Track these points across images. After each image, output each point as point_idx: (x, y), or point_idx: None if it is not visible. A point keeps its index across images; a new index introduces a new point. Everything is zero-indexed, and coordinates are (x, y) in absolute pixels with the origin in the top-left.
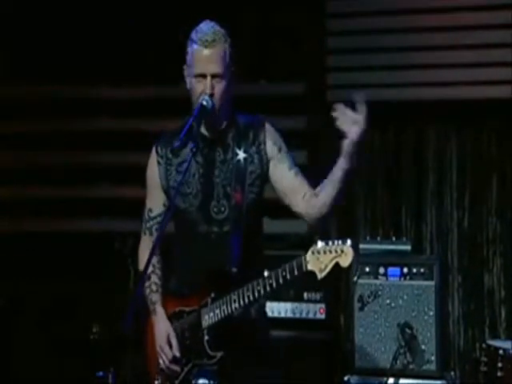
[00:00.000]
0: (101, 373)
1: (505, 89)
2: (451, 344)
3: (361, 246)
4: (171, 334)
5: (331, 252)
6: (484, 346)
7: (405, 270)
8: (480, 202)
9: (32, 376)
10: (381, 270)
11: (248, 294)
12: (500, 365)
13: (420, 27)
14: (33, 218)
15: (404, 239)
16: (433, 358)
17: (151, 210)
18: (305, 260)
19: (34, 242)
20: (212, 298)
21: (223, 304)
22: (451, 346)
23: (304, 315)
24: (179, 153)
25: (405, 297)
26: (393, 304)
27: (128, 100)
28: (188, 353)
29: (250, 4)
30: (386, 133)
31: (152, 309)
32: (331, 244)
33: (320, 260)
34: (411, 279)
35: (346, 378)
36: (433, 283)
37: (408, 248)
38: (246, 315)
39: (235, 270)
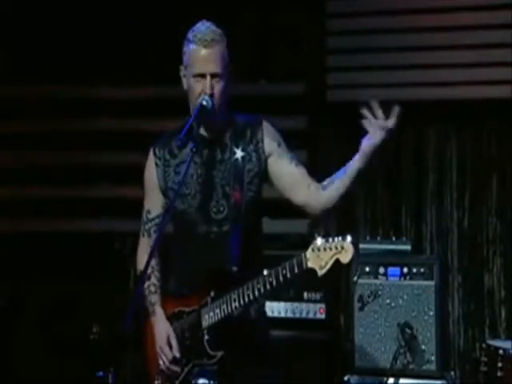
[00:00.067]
0: (101, 373)
1: (505, 89)
2: (451, 344)
3: (361, 246)
4: (171, 335)
5: (331, 249)
6: (484, 346)
7: (405, 270)
8: (480, 202)
9: (32, 376)
10: (381, 270)
11: (248, 293)
12: (500, 365)
13: (420, 27)
14: (33, 218)
15: (404, 239)
16: (433, 358)
17: (149, 212)
18: (305, 257)
19: (34, 242)
20: (212, 298)
21: (223, 303)
22: (451, 346)
23: (304, 315)
24: (177, 154)
25: (405, 297)
26: (393, 304)
27: (128, 100)
28: (188, 353)
29: (250, 4)
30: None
31: (151, 310)
32: (331, 241)
33: (320, 257)
34: (411, 279)
35: (346, 378)
36: (433, 283)
37: (408, 248)
38: (246, 315)
39: (235, 269)
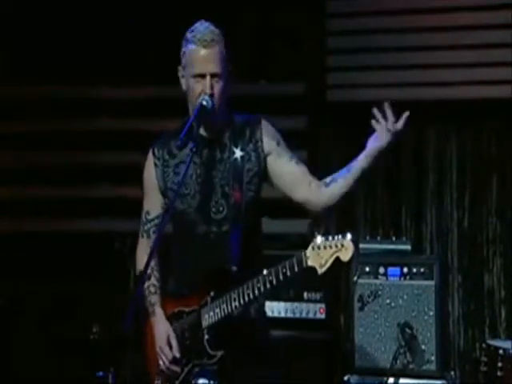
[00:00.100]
0: (101, 373)
1: (505, 89)
2: (451, 344)
3: (361, 246)
4: (171, 335)
5: (331, 247)
6: (484, 346)
7: (405, 270)
8: (480, 202)
9: (32, 376)
10: (381, 270)
11: (248, 292)
12: (500, 365)
13: (420, 27)
14: (33, 218)
15: (404, 239)
16: (433, 358)
17: (148, 213)
18: (305, 256)
19: (34, 242)
20: (212, 297)
21: (223, 303)
22: (451, 346)
23: (304, 315)
24: (176, 154)
25: (405, 297)
26: (393, 304)
27: (128, 100)
28: (188, 353)
29: (250, 4)
30: None
31: (151, 310)
32: (331, 239)
33: (320, 255)
34: (411, 279)
35: (346, 378)
36: (433, 283)
37: (408, 248)
38: (246, 315)
39: (235, 269)
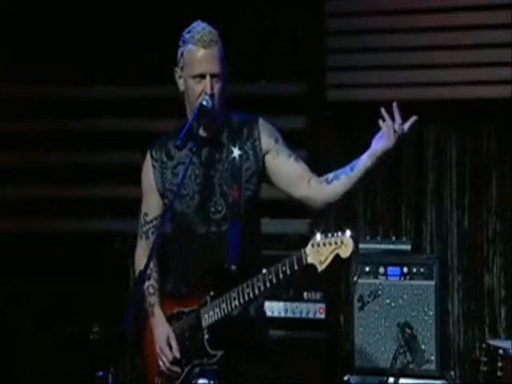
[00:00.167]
0: (101, 373)
1: (505, 89)
2: (451, 344)
3: (361, 246)
4: (171, 336)
5: (331, 244)
6: (484, 346)
7: (405, 270)
8: (480, 202)
9: (32, 376)
10: (381, 270)
11: (248, 291)
12: (500, 364)
13: (419, 27)
14: (33, 218)
15: (404, 239)
16: (433, 358)
17: (147, 214)
18: (304, 253)
19: (34, 242)
20: (211, 297)
21: (223, 302)
22: (451, 346)
23: (304, 315)
24: (174, 155)
25: (405, 296)
26: (393, 304)
27: (128, 100)
28: (188, 353)
29: (250, 4)
30: None
31: (150, 311)
32: (330, 236)
33: (320, 252)
34: (411, 279)
35: (346, 378)
36: (433, 283)
37: (408, 248)
38: (246, 314)
39: (234, 268)
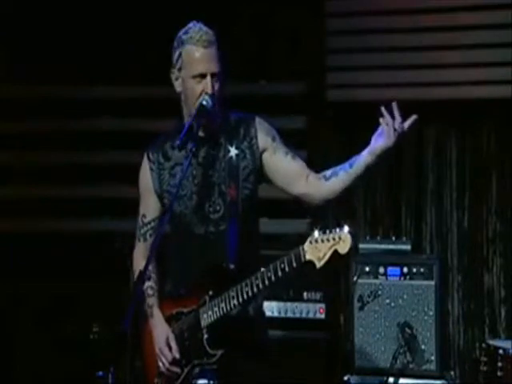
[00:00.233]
0: (101, 373)
1: (505, 89)
2: (451, 344)
3: (361, 246)
4: (170, 337)
5: (329, 240)
6: (484, 346)
7: (405, 270)
8: (480, 202)
9: (32, 376)
10: (381, 270)
11: (246, 290)
12: (500, 364)
13: (420, 27)
14: (33, 218)
15: (404, 239)
16: (433, 358)
17: (145, 216)
18: (303, 250)
19: (34, 242)
20: (210, 296)
21: (222, 301)
22: (451, 346)
23: (304, 315)
24: (171, 156)
25: (405, 296)
26: (393, 304)
27: (128, 100)
28: (188, 354)
29: (250, 4)
30: None
31: (149, 312)
32: (328, 232)
33: (318, 248)
34: (411, 279)
35: (346, 378)
36: (433, 283)
37: (408, 248)
38: (245, 314)
39: (232, 267)
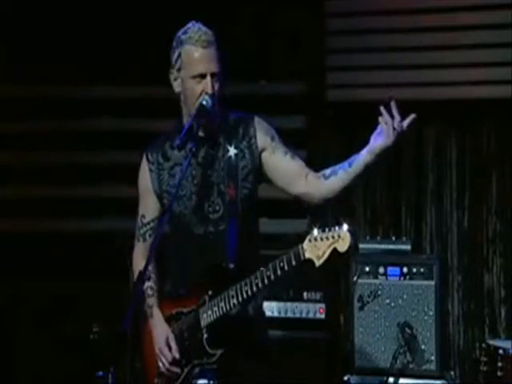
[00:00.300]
0: (101, 373)
1: (505, 89)
2: (451, 344)
3: (361, 246)
4: (170, 337)
5: (328, 238)
6: (484, 346)
7: (405, 270)
8: (480, 202)
9: (32, 376)
10: (381, 270)
11: (246, 289)
12: (500, 364)
13: (420, 27)
14: (33, 218)
15: (404, 239)
16: (433, 358)
17: (144, 217)
18: (302, 248)
19: (34, 242)
20: (210, 296)
21: (221, 301)
22: (451, 346)
23: (304, 315)
24: (170, 156)
25: (405, 296)
26: (393, 304)
27: (128, 100)
28: (188, 353)
29: (250, 4)
30: None
31: (149, 312)
32: (328, 230)
33: (317, 247)
34: (411, 279)
35: (346, 378)
36: (433, 283)
37: (408, 248)
38: (245, 314)
39: (232, 266)
